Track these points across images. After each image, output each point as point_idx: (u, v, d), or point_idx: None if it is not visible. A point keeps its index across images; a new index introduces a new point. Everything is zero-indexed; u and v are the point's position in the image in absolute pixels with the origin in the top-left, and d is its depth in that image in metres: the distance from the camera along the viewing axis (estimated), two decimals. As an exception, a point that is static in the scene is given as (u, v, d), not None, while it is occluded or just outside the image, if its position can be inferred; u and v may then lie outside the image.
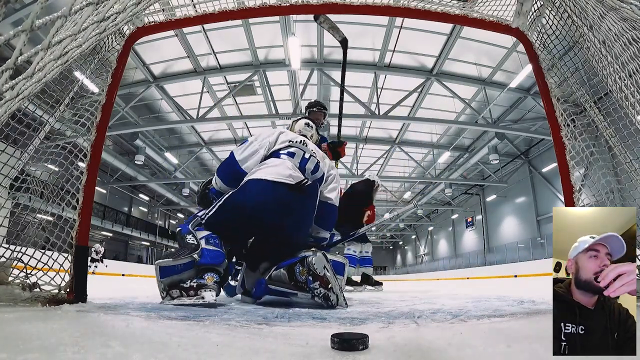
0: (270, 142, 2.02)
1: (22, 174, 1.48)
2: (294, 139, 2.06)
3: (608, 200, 1.71)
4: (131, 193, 23.73)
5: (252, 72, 10.81)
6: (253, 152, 1.98)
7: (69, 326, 0.89)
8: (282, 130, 2.13)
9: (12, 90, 0.75)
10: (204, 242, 1.81)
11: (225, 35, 9.58)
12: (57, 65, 1.01)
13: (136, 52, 10.02)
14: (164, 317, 1.16)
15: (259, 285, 1.83)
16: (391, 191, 21.02)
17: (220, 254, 1.78)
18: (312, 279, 1.65)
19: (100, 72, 1.77)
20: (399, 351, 0.71)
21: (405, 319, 1.17)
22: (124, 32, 1.87)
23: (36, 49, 0.69)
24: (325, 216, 2.05)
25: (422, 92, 11.79)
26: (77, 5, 0.71)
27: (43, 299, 1.30)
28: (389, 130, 14.98)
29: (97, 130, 1.65)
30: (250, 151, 1.99)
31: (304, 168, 1.98)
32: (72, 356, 0.59)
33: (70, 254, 1.48)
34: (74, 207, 1.53)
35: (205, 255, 1.76)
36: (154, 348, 0.69)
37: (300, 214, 1.87)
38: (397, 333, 0.88)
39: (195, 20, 2.02)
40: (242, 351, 0.70)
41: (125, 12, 1.18)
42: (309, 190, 1.88)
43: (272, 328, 0.97)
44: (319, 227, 2.07)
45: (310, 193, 1.89)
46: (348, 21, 8.89)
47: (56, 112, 1.64)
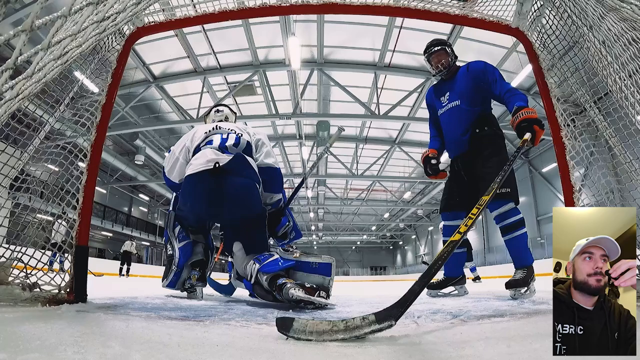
0: (187, 145, 2.06)
1: (22, 174, 1.48)
2: (208, 129, 2.10)
3: (608, 200, 1.71)
4: (131, 193, 23.72)
5: (252, 72, 10.80)
6: (174, 162, 2.08)
7: (69, 326, 0.89)
8: (197, 128, 2.16)
9: (12, 90, 0.75)
10: (176, 242, 2.18)
11: (225, 35, 9.57)
12: (57, 65, 1.01)
13: (136, 52, 10.01)
14: (164, 317, 1.16)
15: (247, 284, 1.94)
16: (391, 191, 21.01)
17: (188, 245, 2.19)
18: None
19: (100, 72, 1.77)
20: (399, 351, 0.71)
21: (405, 319, 1.17)
22: (124, 32, 1.87)
23: (36, 49, 0.69)
24: (270, 180, 2.07)
25: (422, 92, 11.78)
26: (77, 5, 0.71)
27: (43, 299, 1.30)
28: (389, 130, 14.97)
29: (97, 130, 1.65)
30: (172, 162, 2.09)
31: (225, 147, 1.99)
32: (72, 356, 0.59)
33: (70, 254, 1.48)
34: (74, 207, 1.53)
35: (180, 257, 2.16)
36: (154, 348, 0.69)
37: (234, 192, 1.87)
38: (397, 333, 0.88)
39: (195, 20, 2.02)
40: (242, 351, 0.70)
41: (125, 12, 1.18)
42: (232, 167, 1.87)
43: (272, 328, 0.97)
44: (269, 193, 2.10)
45: (234, 169, 1.87)
46: (348, 21, 8.88)
47: (56, 112, 1.64)
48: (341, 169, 16.60)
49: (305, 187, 19.02)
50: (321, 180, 18.97)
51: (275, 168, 2.11)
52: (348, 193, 21.96)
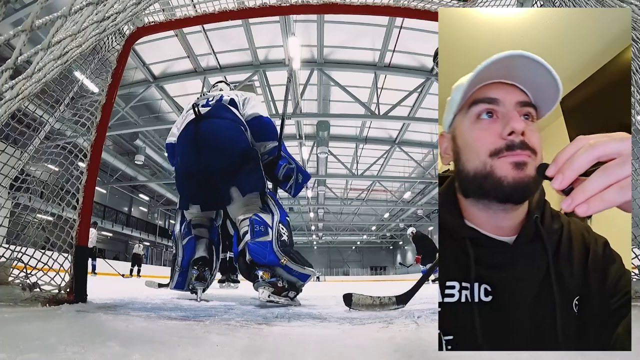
0: (180, 121, 2.15)
1: (22, 174, 1.48)
2: (195, 101, 2.17)
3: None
4: (131, 193, 23.71)
5: (252, 72, 10.80)
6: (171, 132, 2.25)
7: (69, 326, 0.89)
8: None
9: (12, 90, 0.75)
10: (180, 240, 2.18)
11: (225, 35, 9.57)
12: (57, 65, 1.01)
13: (136, 52, 10.01)
14: (164, 317, 1.16)
15: (234, 247, 1.99)
16: (391, 191, 21.00)
17: (191, 241, 2.15)
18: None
19: (100, 72, 1.77)
20: (399, 351, 0.71)
21: (405, 319, 1.17)
22: (124, 32, 1.87)
23: (36, 48, 0.69)
24: (260, 129, 2.08)
25: (422, 92, 11.78)
26: (77, 5, 0.71)
27: (43, 299, 1.30)
28: (389, 130, 14.96)
29: (97, 130, 1.65)
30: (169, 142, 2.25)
31: (209, 104, 2.06)
32: (72, 356, 0.59)
33: (70, 254, 1.48)
34: (74, 207, 1.53)
35: (184, 255, 2.14)
36: (154, 348, 0.69)
37: (217, 131, 1.90)
38: (397, 333, 0.88)
39: (195, 20, 2.02)
40: (242, 351, 0.70)
41: (125, 12, 1.18)
42: (212, 112, 1.95)
43: (272, 328, 0.97)
44: (262, 142, 2.10)
45: (214, 114, 1.95)
46: (348, 21, 8.87)
47: (56, 112, 1.64)
48: (341, 169, 16.59)
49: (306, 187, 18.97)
50: (321, 180, 18.96)
51: (262, 116, 2.11)
52: (348, 193, 21.95)
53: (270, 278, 1.75)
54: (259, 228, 1.80)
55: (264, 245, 1.78)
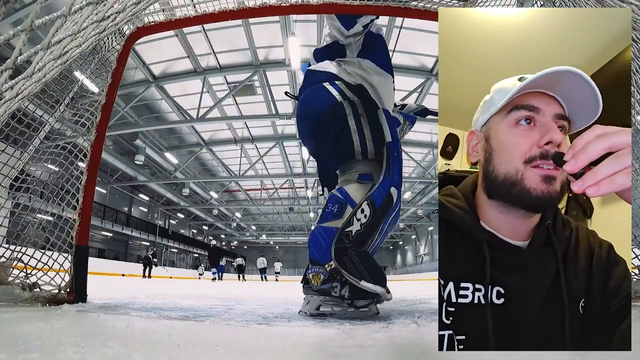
0: None
1: (22, 174, 1.48)
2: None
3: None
4: (131, 193, 23.69)
5: (252, 72, 10.80)
6: None
7: (69, 326, 0.89)
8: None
9: (12, 90, 0.75)
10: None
11: (225, 35, 9.57)
12: (57, 65, 1.01)
13: (136, 52, 10.00)
14: (164, 317, 1.16)
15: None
16: (391, 191, 20.98)
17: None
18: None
19: (100, 72, 1.77)
20: (399, 351, 0.71)
21: (405, 319, 1.17)
22: (124, 32, 1.87)
23: (36, 48, 0.69)
24: (375, 45, 1.72)
25: (422, 92, 11.78)
26: (77, 5, 0.71)
27: (43, 299, 1.30)
28: (389, 130, 14.96)
29: (97, 130, 1.64)
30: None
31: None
32: (72, 356, 0.59)
33: (70, 254, 1.48)
34: (74, 207, 1.53)
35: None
36: (154, 348, 0.69)
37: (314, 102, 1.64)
38: (397, 333, 0.88)
39: (195, 20, 2.02)
40: (242, 351, 0.70)
41: (125, 12, 1.18)
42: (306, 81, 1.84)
43: (272, 328, 0.97)
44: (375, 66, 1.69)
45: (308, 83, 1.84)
46: (348, 21, 8.86)
47: (56, 112, 1.64)
48: (341, 169, 16.57)
49: (305, 187, 18.99)
50: (321, 180, 18.92)
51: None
52: (348, 193, 21.90)
53: (321, 284, 1.26)
54: (331, 208, 1.39)
55: (326, 234, 1.30)
